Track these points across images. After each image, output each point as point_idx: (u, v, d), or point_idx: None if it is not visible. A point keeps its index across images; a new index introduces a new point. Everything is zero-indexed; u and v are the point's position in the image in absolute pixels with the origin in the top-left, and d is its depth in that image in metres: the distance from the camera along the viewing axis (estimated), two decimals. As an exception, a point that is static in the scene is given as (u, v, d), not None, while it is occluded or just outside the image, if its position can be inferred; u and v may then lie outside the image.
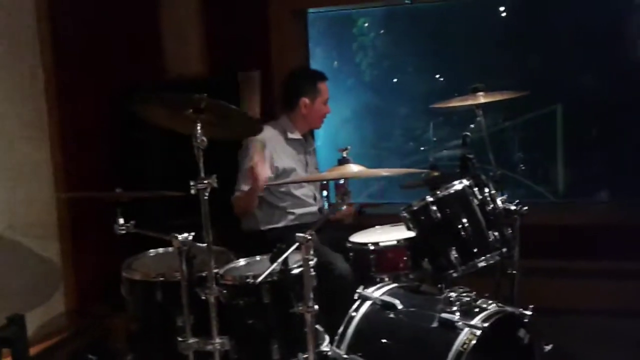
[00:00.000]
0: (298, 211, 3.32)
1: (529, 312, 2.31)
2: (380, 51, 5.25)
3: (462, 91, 3.12)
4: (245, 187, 3.16)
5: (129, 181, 3.33)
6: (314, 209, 3.37)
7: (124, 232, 2.64)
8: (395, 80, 5.29)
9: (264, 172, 3.04)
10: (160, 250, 2.92)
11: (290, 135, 3.36)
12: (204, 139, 2.28)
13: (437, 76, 5.09)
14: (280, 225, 3.28)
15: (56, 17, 3.34)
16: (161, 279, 2.61)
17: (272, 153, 3.25)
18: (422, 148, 5.16)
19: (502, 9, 4.81)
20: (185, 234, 2.43)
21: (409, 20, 5.02)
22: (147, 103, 2.46)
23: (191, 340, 2.43)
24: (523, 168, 4.69)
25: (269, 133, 3.26)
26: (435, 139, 5.06)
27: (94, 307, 3.51)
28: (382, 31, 5.27)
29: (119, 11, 3.76)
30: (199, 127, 2.28)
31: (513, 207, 2.71)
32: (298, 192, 3.34)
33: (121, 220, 2.65)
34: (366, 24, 5.25)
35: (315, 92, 3.33)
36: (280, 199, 3.30)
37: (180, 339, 2.45)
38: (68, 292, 3.44)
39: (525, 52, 4.70)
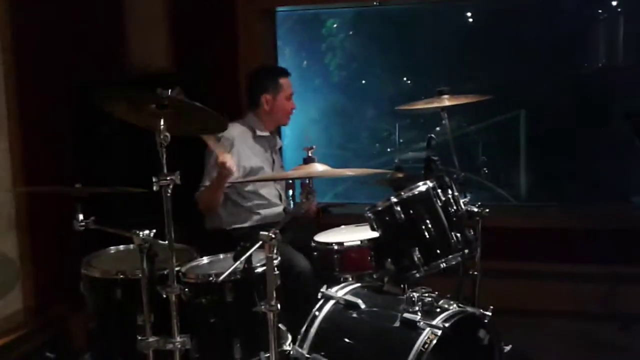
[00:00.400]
0: (264, 212, 3.30)
1: (489, 313, 2.33)
2: (349, 52, 5.28)
3: (428, 94, 3.15)
4: (208, 182, 3.14)
5: (91, 176, 3.28)
6: (280, 209, 3.36)
7: (83, 228, 2.59)
8: (363, 82, 5.32)
9: (233, 164, 3.02)
10: (121, 247, 2.88)
11: (258, 133, 3.34)
12: (167, 134, 2.25)
13: (405, 79, 5.13)
14: (245, 225, 3.25)
15: (16, 10, 3.26)
16: (121, 276, 2.57)
17: (239, 151, 3.23)
18: (388, 150, 5.19)
19: (469, 14, 4.87)
20: (147, 231, 2.39)
21: (378, 22, 5.06)
22: (110, 98, 2.42)
23: (151, 339, 2.39)
24: (486, 171, 4.75)
25: (236, 131, 3.24)
26: (401, 140, 5.10)
27: (53, 305, 3.44)
28: (350, 32, 5.29)
29: (82, 4, 3.70)
30: (162, 123, 2.25)
31: (475, 209, 2.74)
32: (264, 192, 3.32)
33: (81, 216, 2.59)
34: (335, 25, 5.27)
35: (277, 87, 3.31)
36: (246, 198, 3.28)
37: (140, 337, 2.42)
38: (26, 289, 3.36)
39: (490, 57, 4.77)
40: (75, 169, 3.54)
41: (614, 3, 4.46)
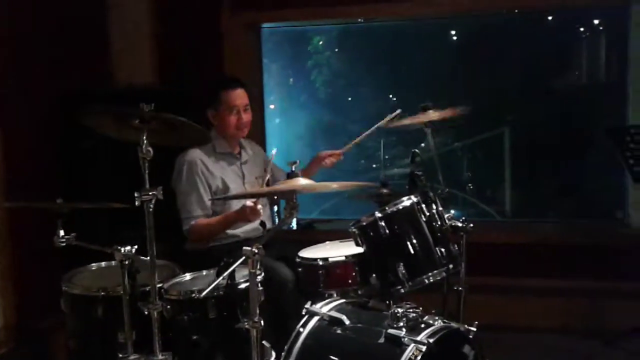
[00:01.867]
0: (238, 231, 3.22)
1: (474, 329, 2.32)
2: (334, 69, 5.30)
3: (413, 111, 3.16)
4: (190, 222, 3.10)
5: (73, 191, 3.26)
6: (255, 224, 3.31)
7: (64, 244, 2.56)
8: (349, 98, 5.34)
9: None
10: (103, 264, 2.85)
11: (218, 150, 3.27)
12: (150, 149, 2.24)
13: (390, 96, 5.15)
14: (222, 242, 3.19)
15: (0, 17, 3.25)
16: (102, 293, 2.55)
17: (203, 173, 3.17)
18: (373, 166, 5.20)
19: (453, 32, 4.92)
20: (128, 247, 2.37)
21: (364, 40, 5.09)
22: (94, 113, 2.41)
23: (132, 357, 2.38)
24: (471, 188, 4.77)
25: (195, 153, 3.18)
26: (387, 157, 5.11)
27: (34, 322, 3.39)
28: (336, 49, 5.32)
29: (66, 17, 3.70)
30: (144, 138, 2.23)
31: (460, 224, 2.73)
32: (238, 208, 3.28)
33: (62, 232, 2.56)
34: (321, 42, 5.29)
35: (218, 102, 3.22)
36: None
37: (121, 355, 2.39)
38: (6, 306, 3.32)
39: (475, 75, 4.81)
40: (57, 184, 3.51)
41: (596, 21, 4.53)
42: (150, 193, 2.24)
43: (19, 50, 3.41)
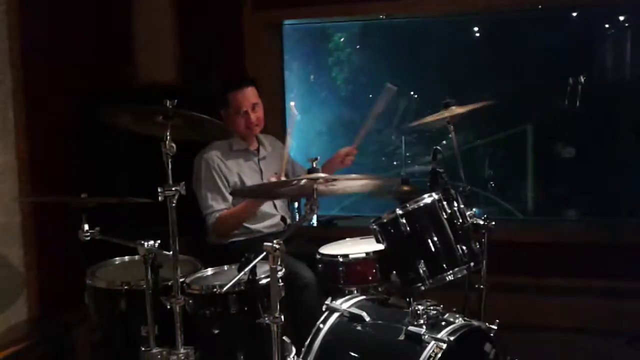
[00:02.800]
0: (260, 226, 3.25)
1: (495, 327, 2.31)
2: (355, 66, 5.29)
3: (434, 108, 3.15)
4: (216, 214, 3.12)
5: (97, 187, 3.28)
6: (276, 219, 3.33)
7: (88, 238, 2.59)
8: (370, 95, 5.33)
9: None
10: (126, 258, 2.88)
11: (234, 147, 3.29)
12: (173, 145, 2.26)
13: (411, 93, 5.14)
14: (242, 238, 3.21)
15: (25, 20, 3.29)
16: (125, 287, 2.57)
17: (221, 169, 3.20)
18: (394, 163, 5.19)
19: (475, 28, 4.88)
20: (152, 242, 2.39)
21: (385, 37, 5.07)
22: (116, 112, 2.45)
23: (155, 351, 2.40)
24: (493, 186, 4.74)
25: (212, 151, 3.22)
26: (408, 154, 5.09)
27: (57, 316, 3.44)
28: (357, 46, 5.31)
29: (91, 15, 3.74)
30: (168, 134, 2.26)
31: (481, 222, 2.72)
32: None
33: (86, 227, 2.59)
34: (342, 39, 5.29)
35: (226, 102, 3.24)
36: None
37: (143, 348, 2.42)
38: (31, 299, 3.36)
39: (498, 71, 4.78)
40: (81, 179, 3.55)
41: (622, 18, 4.47)
42: (173, 188, 2.26)
43: (47, 51, 3.45)
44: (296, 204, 3.84)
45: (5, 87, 3.23)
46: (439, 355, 2.14)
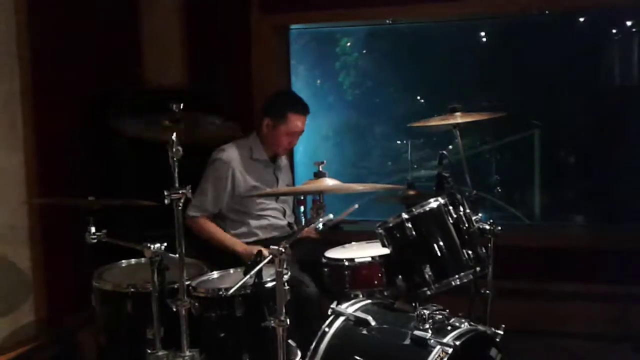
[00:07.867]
0: (267, 236, 3.25)
1: (501, 332, 2.31)
2: (362, 71, 5.30)
3: (441, 112, 3.15)
4: (197, 213, 3.14)
5: (104, 189, 3.30)
6: (283, 223, 3.34)
7: (95, 241, 2.61)
8: (377, 100, 5.33)
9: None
10: (133, 260, 2.89)
11: (255, 156, 3.27)
12: (180, 148, 2.27)
13: (418, 97, 5.14)
14: (250, 240, 3.22)
15: (33, 23, 3.31)
16: (132, 289, 2.58)
17: (234, 175, 3.19)
18: (400, 168, 5.19)
19: (482, 32, 4.88)
20: (158, 244, 2.40)
21: (391, 41, 5.08)
22: (123, 118, 2.47)
23: (160, 353, 2.40)
24: (499, 191, 4.73)
25: (232, 154, 3.21)
26: (414, 159, 5.09)
27: (64, 317, 3.45)
28: (364, 51, 5.32)
29: (98, 18, 3.76)
30: (174, 137, 2.27)
31: (487, 227, 2.71)
32: (267, 212, 3.28)
33: (93, 229, 2.61)
34: (349, 44, 5.30)
35: (281, 118, 3.20)
36: (245, 224, 3.24)
37: (149, 351, 2.42)
38: (38, 301, 3.37)
39: (504, 76, 4.77)
40: (88, 181, 3.57)
41: (629, 23, 4.46)
42: (180, 192, 2.27)
43: (55, 53, 3.48)
44: (302, 208, 3.84)
45: (13, 90, 3.25)
46: (445, 359, 2.14)
